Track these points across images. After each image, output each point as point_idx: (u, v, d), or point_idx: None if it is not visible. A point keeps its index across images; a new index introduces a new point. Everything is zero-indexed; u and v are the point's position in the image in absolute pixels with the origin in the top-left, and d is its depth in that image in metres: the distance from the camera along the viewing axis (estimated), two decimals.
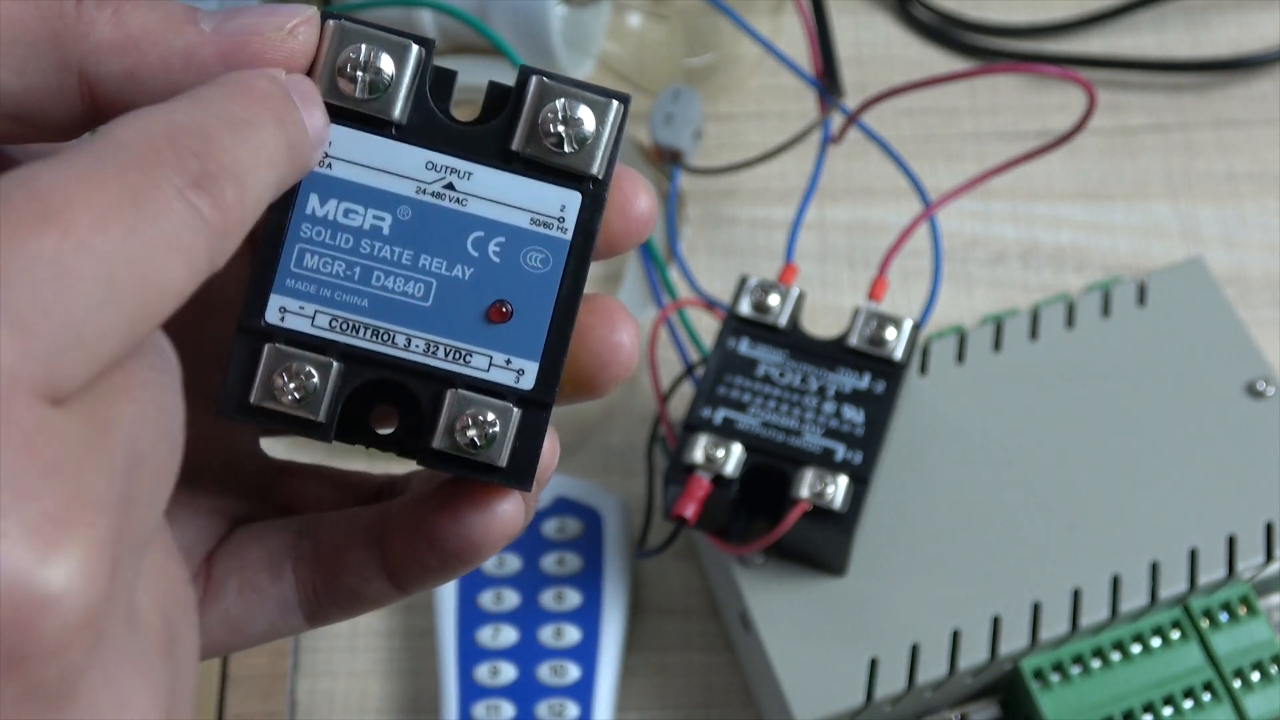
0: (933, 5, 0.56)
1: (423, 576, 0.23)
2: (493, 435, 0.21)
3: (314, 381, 0.20)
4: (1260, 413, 0.41)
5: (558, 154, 0.21)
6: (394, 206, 0.21)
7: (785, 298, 0.38)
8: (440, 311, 0.21)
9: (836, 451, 0.36)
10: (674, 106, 0.49)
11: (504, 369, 0.21)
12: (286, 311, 0.21)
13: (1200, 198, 0.52)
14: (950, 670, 0.37)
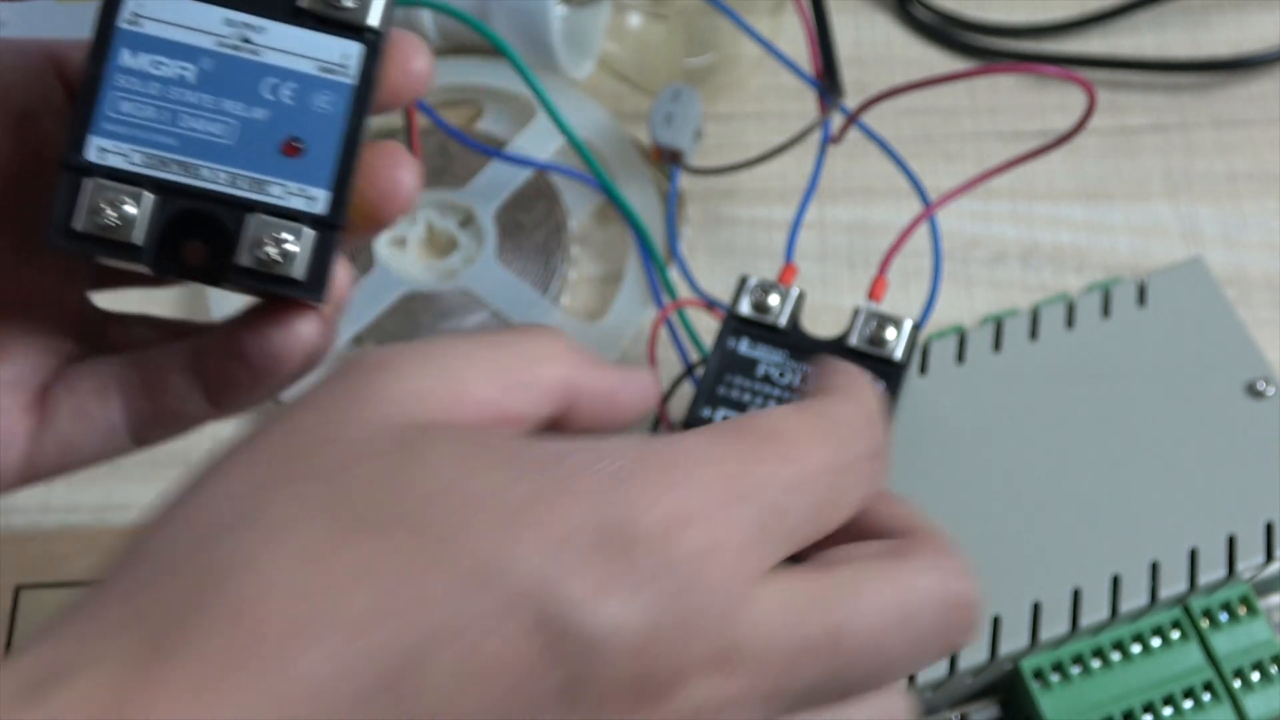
0: (933, 5, 0.56)
1: (235, 392, 0.26)
2: (290, 252, 0.24)
3: (131, 210, 0.23)
4: (1260, 413, 0.41)
5: (339, 9, 0.24)
6: (197, 58, 0.24)
7: (785, 298, 0.38)
8: (240, 148, 0.24)
9: None
10: (674, 106, 0.49)
11: (298, 196, 0.24)
12: (105, 150, 0.23)
13: (1200, 198, 0.52)
14: (950, 670, 0.37)
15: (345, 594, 0.20)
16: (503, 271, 0.48)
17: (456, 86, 0.53)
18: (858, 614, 0.23)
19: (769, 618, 0.22)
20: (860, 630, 0.23)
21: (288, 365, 0.26)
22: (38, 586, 0.42)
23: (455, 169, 0.51)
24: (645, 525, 0.21)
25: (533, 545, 0.21)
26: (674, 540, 0.21)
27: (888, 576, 0.23)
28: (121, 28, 0.24)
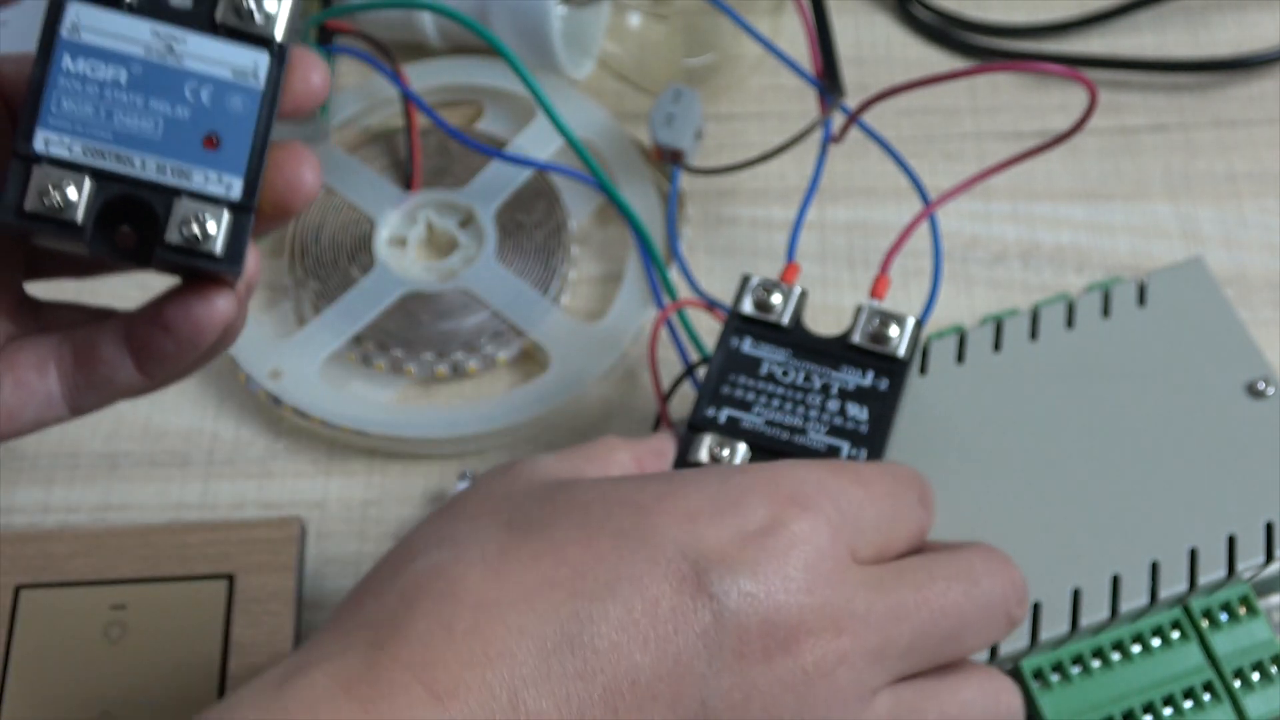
0: (933, 5, 0.56)
1: (161, 360, 0.29)
2: (210, 231, 0.27)
3: (73, 193, 0.27)
4: (1260, 413, 0.41)
5: (250, 25, 0.28)
6: (128, 63, 0.27)
7: (788, 296, 0.38)
8: (167, 141, 0.27)
9: (841, 449, 0.36)
10: (675, 107, 0.49)
11: (217, 184, 0.28)
12: (50, 142, 0.27)
13: (1200, 198, 0.52)
14: None
15: (520, 576, 0.26)
16: (503, 271, 0.48)
17: (456, 86, 0.53)
18: (933, 582, 0.29)
19: (862, 586, 0.28)
20: (937, 594, 0.29)
21: (209, 335, 0.29)
22: (38, 586, 0.42)
23: (455, 169, 0.51)
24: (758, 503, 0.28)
25: (670, 520, 0.27)
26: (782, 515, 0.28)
27: (952, 560, 0.30)
28: (63, 36, 0.27)
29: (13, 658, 0.41)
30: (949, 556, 0.30)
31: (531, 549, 0.27)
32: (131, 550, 0.43)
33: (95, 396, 0.30)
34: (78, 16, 0.27)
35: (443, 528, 0.28)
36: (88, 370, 0.30)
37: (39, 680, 0.41)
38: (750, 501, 0.28)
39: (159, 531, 0.43)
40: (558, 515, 0.28)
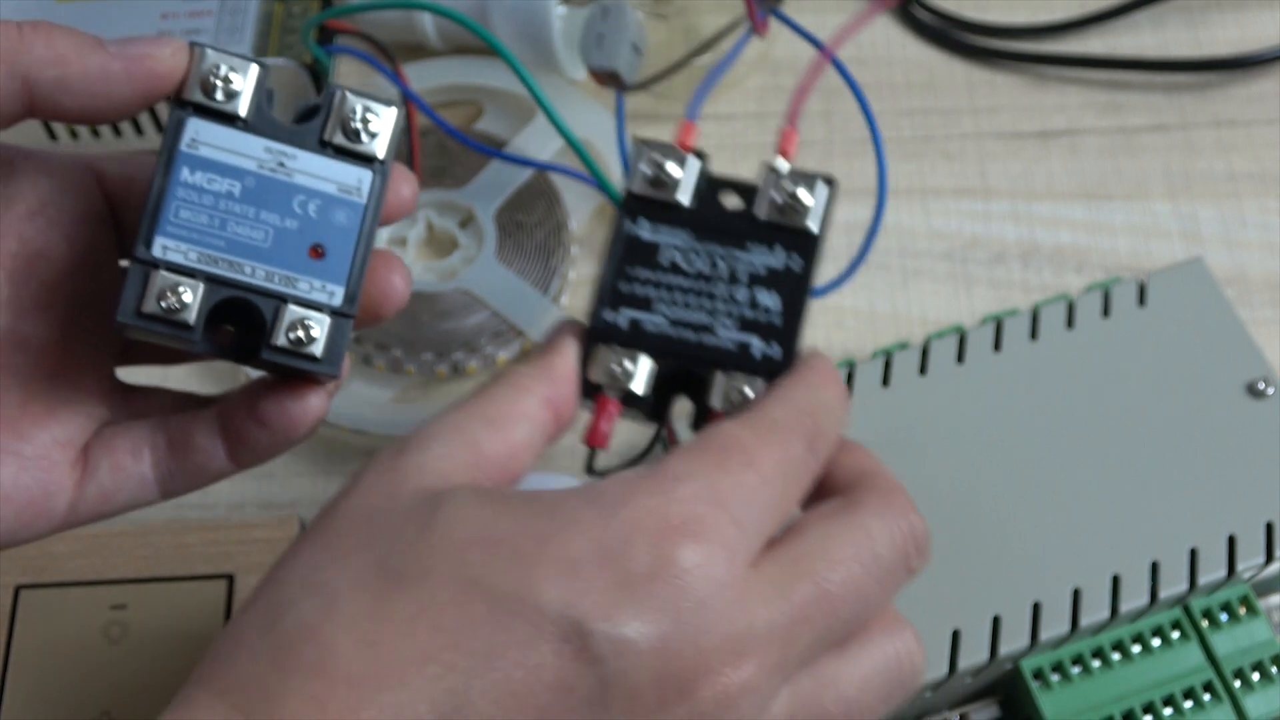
0: (933, 6, 0.56)
1: (254, 451, 0.31)
2: (314, 335, 0.29)
3: (187, 296, 0.28)
4: (1260, 413, 0.41)
5: (356, 144, 0.29)
6: (242, 177, 0.29)
7: (686, 166, 0.32)
8: (276, 250, 0.29)
9: (752, 345, 0.32)
10: (604, 25, 0.45)
11: (320, 291, 0.29)
12: (167, 249, 0.28)
13: (1200, 198, 0.52)
14: (950, 670, 0.37)
15: (394, 645, 0.24)
16: (503, 271, 0.48)
17: (457, 86, 0.53)
18: (831, 569, 0.27)
19: (763, 600, 0.26)
20: (837, 581, 0.27)
21: (303, 432, 0.31)
22: (38, 586, 0.42)
23: (455, 169, 0.51)
24: (643, 542, 0.25)
25: (550, 574, 0.25)
26: (670, 552, 0.25)
27: (848, 530, 0.28)
28: (183, 150, 0.29)
29: (13, 658, 0.41)
30: (844, 524, 0.28)
31: (405, 610, 0.25)
32: (131, 550, 0.43)
33: (186, 481, 0.32)
34: (197, 132, 0.29)
35: (314, 568, 0.26)
36: (181, 457, 0.32)
37: (39, 680, 0.41)
38: (637, 541, 0.25)
39: (159, 531, 0.43)
40: (433, 560, 0.25)
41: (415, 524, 0.26)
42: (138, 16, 0.52)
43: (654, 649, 0.25)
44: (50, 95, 0.28)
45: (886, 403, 0.41)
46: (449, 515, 0.26)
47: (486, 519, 0.26)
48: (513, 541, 0.26)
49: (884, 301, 0.50)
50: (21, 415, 0.31)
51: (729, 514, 0.26)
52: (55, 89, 0.28)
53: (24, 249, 0.30)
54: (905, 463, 0.40)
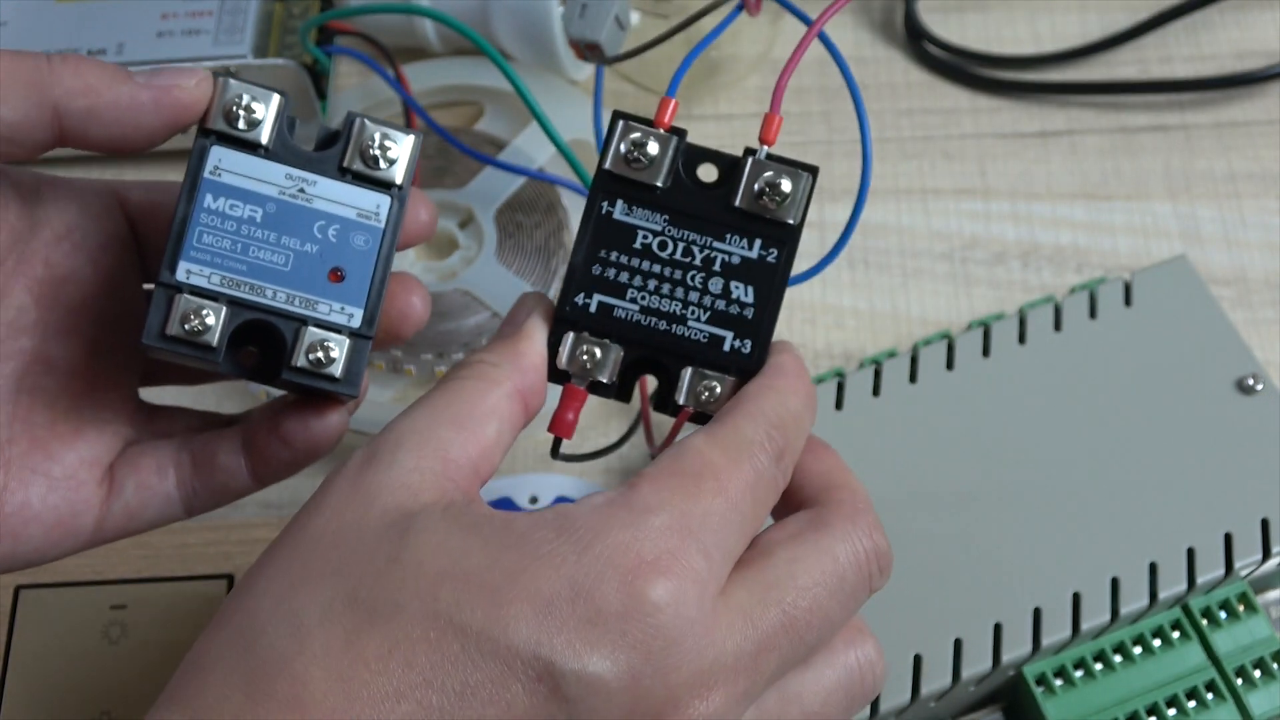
0: (942, 40, 0.55)
1: (277, 468, 0.32)
2: (332, 356, 0.30)
3: (210, 319, 0.29)
4: (1251, 409, 0.41)
5: (374, 170, 0.30)
6: (263, 203, 0.30)
7: (665, 146, 0.31)
8: (296, 274, 0.30)
9: (724, 340, 0.31)
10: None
11: (339, 314, 0.30)
12: (190, 273, 0.29)
13: (1200, 198, 0.52)
14: (954, 680, 0.37)
15: (368, 683, 0.24)
16: (503, 272, 0.48)
17: (457, 87, 0.53)
18: (799, 596, 0.28)
19: (730, 631, 0.26)
20: (804, 608, 0.28)
21: (324, 449, 0.32)
22: (38, 586, 0.42)
23: (455, 169, 0.51)
24: (615, 579, 0.25)
25: (522, 612, 0.25)
26: (641, 588, 0.25)
27: (814, 554, 0.28)
28: (206, 177, 0.30)
29: (13, 658, 0.41)
30: (812, 547, 0.29)
31: (378, 646, 0.25)
32: (131, 550, 0.43)
33: (210, 499, 0.33)
34: (220, 160, 0.30)
35: (285, 593, 0.26)
36: (206, 476, 0.32)
37: (39, 680, 0.41)
38: (608, 577, 0.26)
39: (158, 532, 0.43)
40: (404, 594, 0.25)
41: (385, 553, 0.26)
42: (138, 16, 0.52)
43: (625, 687, 0.25)
44: (80, 125, 0.29)
45: (878, 412, 0.41)
46: (419, 544, 0.26)
47: (456, 549, 0.26)
48: (484, 576, 0.25)
49: (884, 301, 0.50)
50: (50, 436, 0.31)
51: (699, 545, 0.27)
52: (85, 118, 0.29)
53: (51, 273, 0.31)
54: (899, 473, 0.40)
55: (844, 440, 0.40)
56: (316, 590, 0.26)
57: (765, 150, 0.31)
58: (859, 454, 0.40)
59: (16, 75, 0.29)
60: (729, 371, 0.31)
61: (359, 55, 0.50)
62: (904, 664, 0.37)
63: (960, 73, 0.55)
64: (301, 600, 0.26)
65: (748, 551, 0.28)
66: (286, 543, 0.27)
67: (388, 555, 0.26)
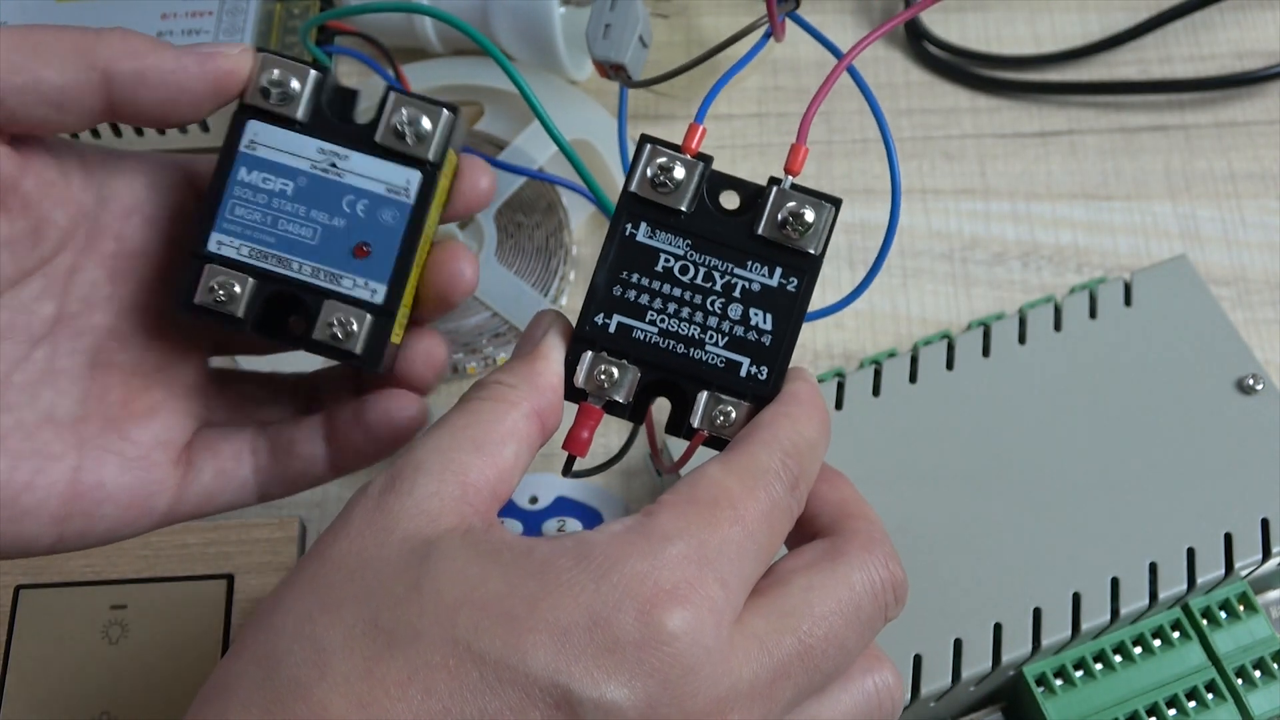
0: (942, 41, 0.55)
1: (356, 458, 0.33)
2: (351, 331, 0.30)
3: (236, 289, 0.30)
4: (1251, 408, 0.41)
5: (405, 145, 0.30)
6: (295, 176, 0.30)
7: (691, 172, 0.31)
8: (323, 248, 0.30)
9: (741, 366, 0.31)
10: (611, 15, 0.44)
11: (363, 289, 0.30)
12: (221, 244, 0.30)
13: (1200, 198, 0.52)
14: (954, 680, 0.36)
15: (388, 709, 0.25)
16: (503, 272, 0.48)
17: (457, 87, 0.53)
18: (815, 624, 0.28)
19: (747, 659, 0.27)
20: (820, 636, 0.28)
21: (404, 438, 0.33)
22: (38, 586, 0.42)
23: None
24: (633, 608, 0.26)
25: (541, 640, 0.25)
26: (658, 617, 0.26)
27: (830, 583, 0.28)
28: (242, 150, 0.30)
29: (13, 658, 0.41)
30: (828, 575, 0.29)
31: (397, 673, 0.25)
32: (131, 550, 0.43)
33: (284, 487, 0.34)
34: (255, 133, 0.30)
35: (306, 618, 0.26)
36: (284, 463, 0.33)
37: (39, 680, 0.41)
38: (626, 606, 0.26)
39: (159, 531, 0.43)
40: (424, 621, 0.25)
41: (405, 580, 0.26)
42: (138, 16, 0.52)
43: (642, 715, 0.25)
44: (129, 90, 0.29)
45: (878, 413, 0.41)
46: (438, 571, 0.26)
47: (476, 577, 0.26)
48: (503, 604, 0.26)
49: (884, 301, 0.50)
50: (123, 415, 0.32)
51: (716, 574, 0.27)
52: (134, 82, 0.29)
53: (122, 247, 0.31)
54: (899, 473, 0.40)
55: (844, 440, 0.40)
56: (337, 617, 0.26)
57: (790, 180, 0.31)
58: (859, 454, 0.40)
59: (62, 40, 0.29)
60: (745, 397, 0.31)
61: (359, 55, 0.50)
62: (904, 664, 0.37)
63: (960, 73, 0.55)
64: (322, 627, 0.26)
65: (764, 579, 0.28)
66: (308, 569, 0.27)
67: (408, 583, 0.26)
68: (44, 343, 0.31)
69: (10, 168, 0.29)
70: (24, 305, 0.31)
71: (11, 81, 0.28)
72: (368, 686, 0.25)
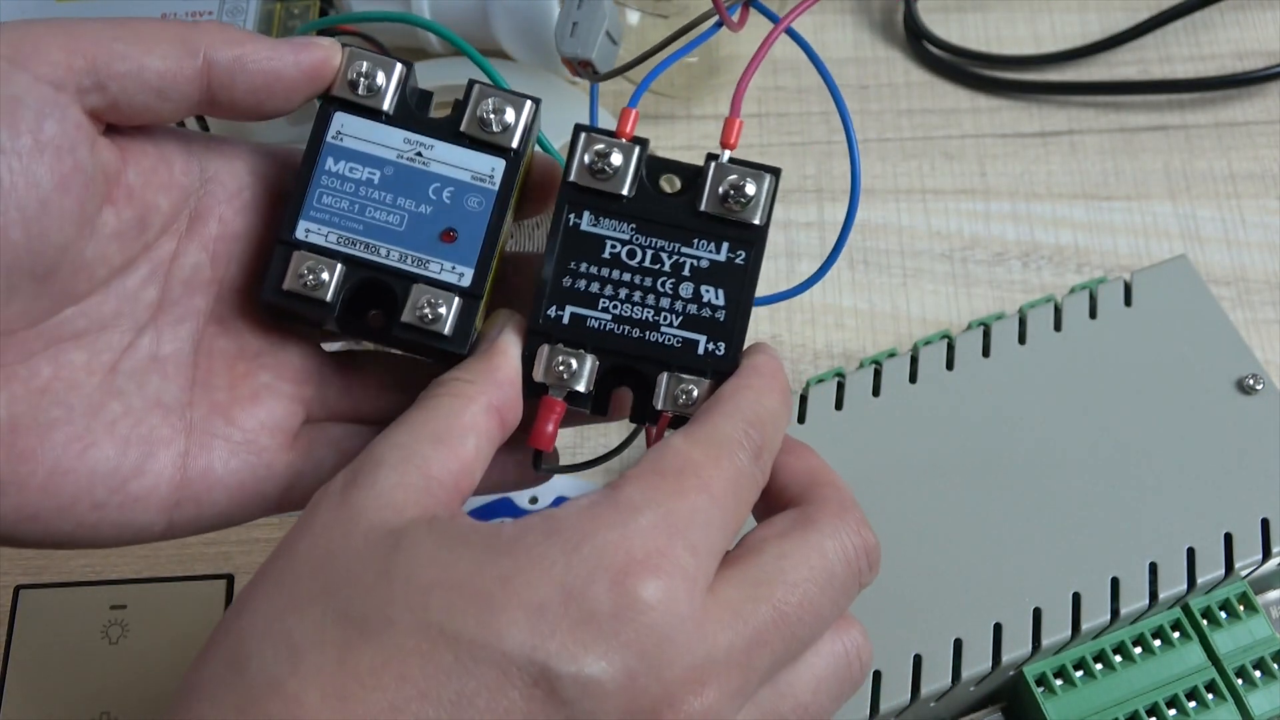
0: (942, 41, 0.55)
1: None
2: (441, 313, 0.30)
3: (325, 275, 0.30)
4: (1251, 408, 0.41)
5: (490, 134, 0.31)
6: (381, 166, 0.31)
7: (629, 156, 0.31)
8: (410, 234, 0.31)
9: (698, 343, 0.31)
10: (579, 14, 0.44)
11: (450, 273, 0.31)
12: (309, 231, 0.31)
13: (1200, 198, 0.52)
14: (954, 680, 0.36)
15: (363, 699, 0.24)
16: None
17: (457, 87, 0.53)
18: (789, 591, 0.28)
19: (722, 627, 0.27)
20: (794, 603, 0.28)
21: None
22: (38, 586, 0.42)
23: None
24: (606, 580, 0.26)
25: (515, 618, 0.25)
26: (631, 587, 0.26)
27: (803, 550, 0.29)
28: (329, 141, 0.31)
29: (13, 658, 0.41)
30: (800, 543, 0.29)
31: (371, 661, 0.25)
32: (131, 550, 0.43)
33: None
34: (342, 125, 0.31)
35: (274, 616, 0.26)
36: None
37: (39, 680, 0.41)
38: (599, 578, 0.26)
39: None
40: (395, 608, 0.25)
41: (374, 568, 0.26)
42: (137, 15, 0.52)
43: (621, 687, 0.25)
44: (228, 77, 0.29)
45: (878, 413, 0.41)
46: (408, 558, 0.26)
47: (446, 560, 0.26)
48: (475, 584, 0.25)
49: (884, 301, 0.50)
50: (229, 399, 0.31)
51: (686, 542, 0.27)
52: (233, 69, 0.29)
53: (224, 230, 0.32)
54: (898, 473, 0.40)
55: (844, 440, 0.40)
56: (307, 610, 0.25)
57: (728, 154, 0.31)
58: (859, 454, 0.40)
59: (164, 29, 0.29)
60: (705, 374, 0.31)
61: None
62: (904, 664, 0.37)
63: (960, 73, 0.55)
64: (292, 621, 0.25)
65: (736, 550, 0.29)
66: (274, 566, 0.27)
67: (377, 571, 0.26)
68: (149, 329, 0.31)
69: (112, 158, 0.29)
70: (130, 293, 0.31)
71: (116, 69, 0.28)
72: (341, 677, 0.24)
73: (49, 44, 0.28)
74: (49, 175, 0.28)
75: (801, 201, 0.52)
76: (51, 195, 0.28)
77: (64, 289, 0.29)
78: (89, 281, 0.30)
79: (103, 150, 0.29)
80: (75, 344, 0.30)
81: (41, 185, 0.28)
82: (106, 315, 0.30)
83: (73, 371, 0.30)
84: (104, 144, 0.29)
